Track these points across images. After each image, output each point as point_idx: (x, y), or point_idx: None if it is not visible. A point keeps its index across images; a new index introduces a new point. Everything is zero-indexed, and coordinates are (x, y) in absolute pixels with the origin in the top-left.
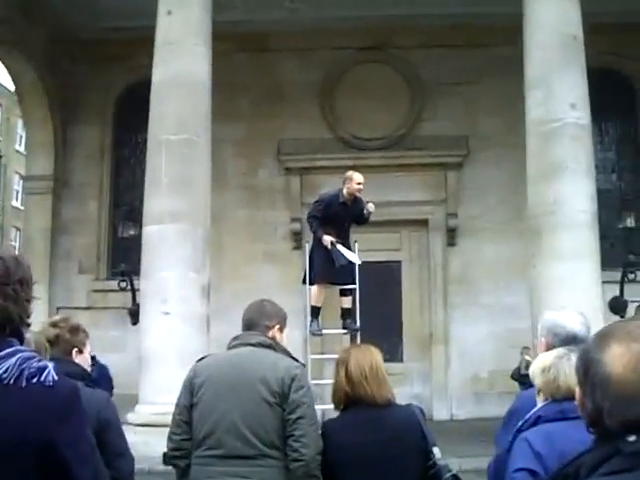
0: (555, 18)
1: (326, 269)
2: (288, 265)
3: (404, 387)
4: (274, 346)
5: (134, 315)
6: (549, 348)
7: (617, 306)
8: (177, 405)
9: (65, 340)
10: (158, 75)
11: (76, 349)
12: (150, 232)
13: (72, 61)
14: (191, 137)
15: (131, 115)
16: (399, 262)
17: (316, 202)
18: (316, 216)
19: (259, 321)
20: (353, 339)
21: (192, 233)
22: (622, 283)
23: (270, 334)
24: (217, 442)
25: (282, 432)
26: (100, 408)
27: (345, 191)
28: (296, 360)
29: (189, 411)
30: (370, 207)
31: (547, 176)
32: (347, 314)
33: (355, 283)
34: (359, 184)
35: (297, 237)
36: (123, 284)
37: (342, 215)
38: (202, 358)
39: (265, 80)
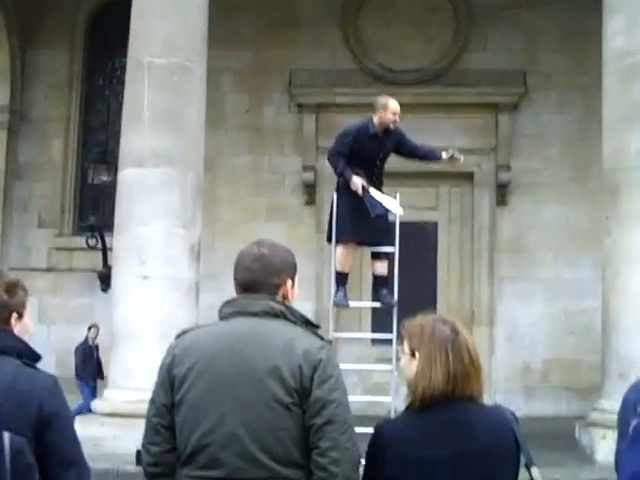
0: None
1: (356, 224)
2: (298, 224)
3: None
4: (287, 314)
5: (105, 279)
6: None
7: None
8: (152, 403)
9: (1, 303)
10: None
11: (15, 314)
12: (127, 177)
13: None
14: (182, 61)
15: (106, 36)
16: (435, 223)
17: (341, 135)
18: (342, 152)
19: (263, 279)
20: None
21: (180, 179)
22: None
23: (280, 294)
24: (212, 460)
25: (303, 444)
26: (43, 398)
27: (376, 121)
28: (318, 335)
29: (170, 412)
30: (457, 158)
31: (629, 121)
32: (382, 283)
33: (394, 244)
34: (394, 114)
35: (310, 190)
36: (92, 241)
37: (374, 151)
38: (183, 333)
39: None
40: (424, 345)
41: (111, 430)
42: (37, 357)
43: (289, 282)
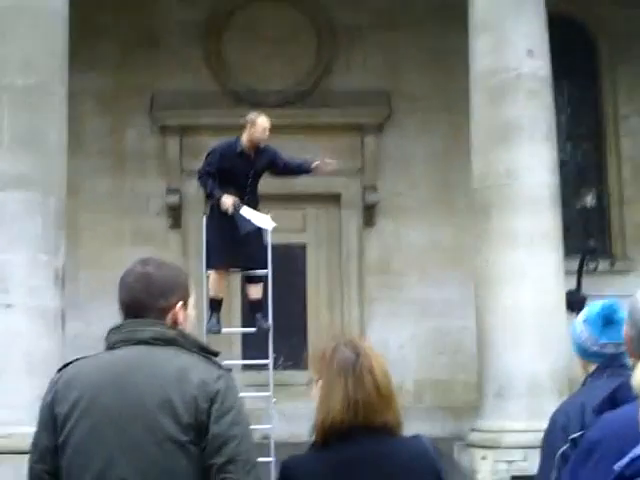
0: None
1: (227, 249)
2: (164, 248)
3: (308, 402)
4: (180, 340)
5: None
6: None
7: (573, 302)
8: (34, 447)
9: None
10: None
11: None
12: None
13: None
14: (43, 81)
15: None
16: (303, 246)
17: (207, 154)
18: (209, 172)
19: (147, 302)
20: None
21: (42, 204)
22: (580, 274)
23: (169, 318)
24: None
25: None
26: None
27: (245, 138)
28: (216, 363)
29: (54, 455)
30: (329, 162)
31: (498, 140)
32: (256, 307)
33: (267, 267)
34: (264, 130)
35: (175, 213)
36: None
37: (244, 169)
38: (65, 366)
39: (136, 19)
40: (325, 371)
41: None
42: None
43: (179, 305)
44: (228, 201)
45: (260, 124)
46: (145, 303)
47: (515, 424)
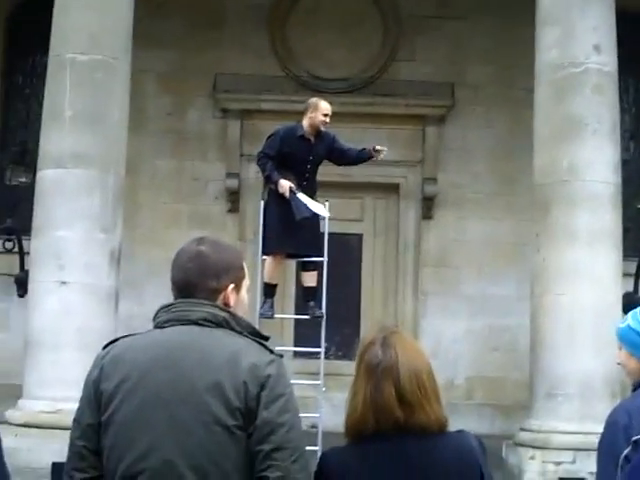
0: None
1: (285, 234)
2: (221, 232)
3: None
4: (232, 323)
5: (22, 284)
6: None
7: (629, 304)
8: (76, 423)
9: None
10: None
11: None
12: (46, 178)
13: None
14: (106, 59)
15: (27, 33)
16: (360, 235)
17: (268, 137)
18: (269, 155)
19: (199, 282)
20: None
21: (101, 181)
22: (637, 276)
23: (221, 299)
24: None
25: (248, 473)
26: None
27: (306, 122)
28: (268, 347)
29: (96, 433)
30: (380, 150)
31: (561, 135)
32: (310, 295)
33: (322, 255)
34: (325, 115)
35: (234, 197)
36: (9, 244)
37: (304, 154)
38: (112, 342)
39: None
40: (356, 367)
41: (25, 442)
42: None
43: (231, 287)
44: (285, 185)
45: (322, 109)
46: (196, 283)
47: (565, 425)
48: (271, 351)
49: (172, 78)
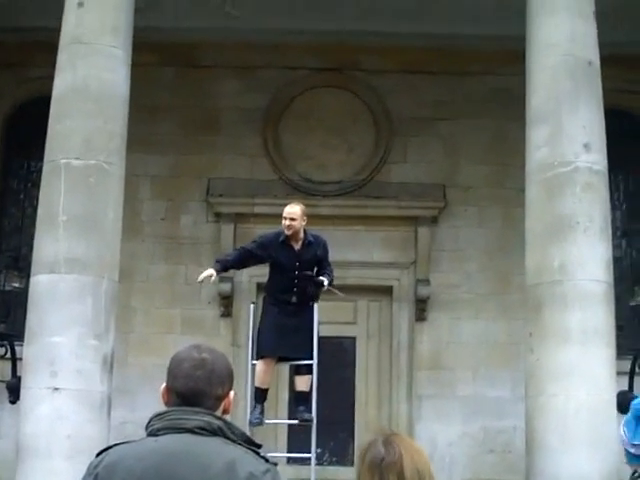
0: (566, 38)
1: (277, 338)
2: (215, 337)
3: None
4: (226, 431)
5: (14, 391)
6: None
7: (624, 403)
8: None
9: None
10: (62, 82)
11: None
12: (39, 283)
13: None
14: (100, 163)
15: (23, 138)
16: (353, 338)
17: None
18: (242, 247)
19: (208, 390)
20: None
21: (95, 287)
22: (632, 375)
23: (221, 408)
24: None
25: None
26: None
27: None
28: (262, 456)
29: None
30: (322, 280)
31: (552, 235)
32: (302, 399)
33: (312, 357)
34: (285, 218)
35: (227, 302)
36: (1, 350)
37: (289, 260)
38: (105, 450)
39: (195, 103)
40: (359, 467)
41: None
42: None
43: (232, 393)
44: (204, 273)
45: (284, 213)
46: (206, 391)
47: None
48: (266, 460)
49: (166, 182)
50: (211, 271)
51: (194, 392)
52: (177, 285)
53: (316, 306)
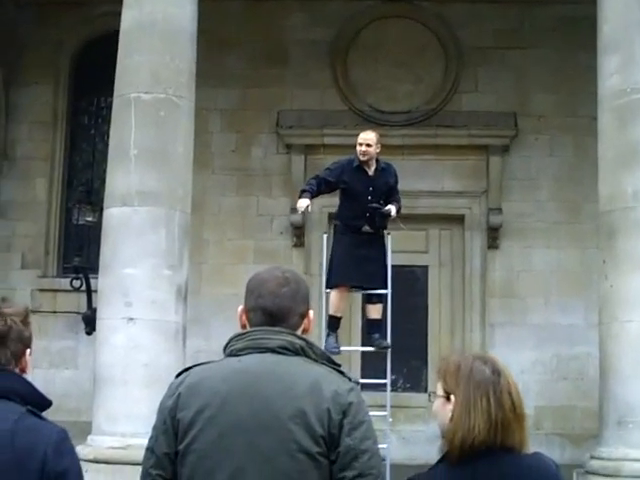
0: None
1: (350, 267)
2: (287, 266)
3: (427, 424)
4: (308, 351)
5: (90, 322)
6: None
7: None
8: (150, 452)
9: (18, 335)
10: (129, 18)
11: (28, 350)
12: (112, 216)
13: (16, 5)
14: (170, 97)
15: (92, 74)
16: (425, 267)
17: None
18: (318, 175)
19: (294, 306)
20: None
21: (168, 219)
22: None
23: (302, 327)
24: None
25: None
26: (47, 456)
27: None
28: (346, 375)
29: (173, 463)
30: (389, 209)
31: (625, 161)
32: (375, 327)
33: (386, 287)
34: (360, 144)
35: (299, 232)
36: (77, 283)
37: (362, 186)
38: (185, 370)
39: (263, 36)
40: (461, 387)
41: (95, 477)
42: (46, 404)
43: (311, 312)
44: (301, 204)
45: (358, 139)
46: (292, 307)
47: (637, 453)
48: (349, 379)
49: (236, 115)
50: (307, 201)
51: (280, 308)
52: (249, 216)
53: (388, 235)
